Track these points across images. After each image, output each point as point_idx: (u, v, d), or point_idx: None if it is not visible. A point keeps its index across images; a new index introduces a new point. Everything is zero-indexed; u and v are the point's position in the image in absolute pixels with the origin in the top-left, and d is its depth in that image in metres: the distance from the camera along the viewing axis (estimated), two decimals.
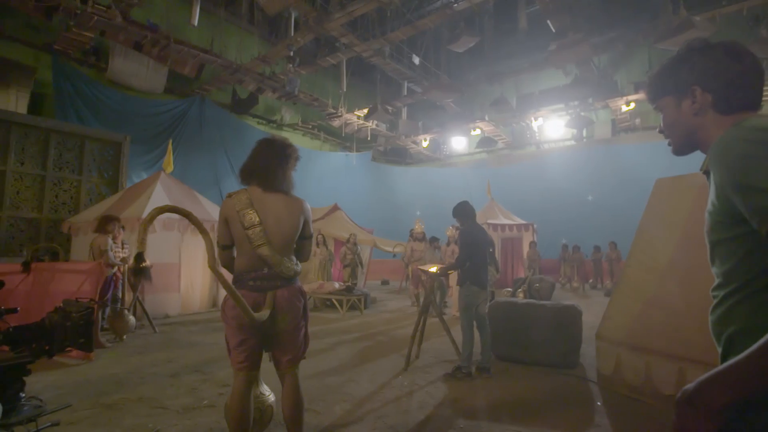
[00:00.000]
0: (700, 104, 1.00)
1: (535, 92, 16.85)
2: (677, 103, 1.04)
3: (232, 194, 2.12)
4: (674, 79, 1.04)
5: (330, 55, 13.50)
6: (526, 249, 12.84)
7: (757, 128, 0.86)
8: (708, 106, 0.99)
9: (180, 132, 12.78)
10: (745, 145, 0.84)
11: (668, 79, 1.06)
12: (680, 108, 1.03)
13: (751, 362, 0.70)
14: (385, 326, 7.04)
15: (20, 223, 8.66)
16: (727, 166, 0.85)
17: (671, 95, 1.05)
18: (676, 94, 1.04)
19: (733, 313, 0.88)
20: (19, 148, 8.70)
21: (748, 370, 0.70)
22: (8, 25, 10.11)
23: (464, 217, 4.38)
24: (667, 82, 1.06)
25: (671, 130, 1.08)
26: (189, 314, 7.65)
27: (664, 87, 1.07)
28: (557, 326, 4.42)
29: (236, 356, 2.11)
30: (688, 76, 1.01)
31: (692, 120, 1.02)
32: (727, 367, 0.73)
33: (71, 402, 3.19)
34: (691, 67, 1.01)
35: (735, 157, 0.84)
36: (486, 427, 3.02)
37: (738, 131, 0.88)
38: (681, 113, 1.04)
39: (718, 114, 0.99)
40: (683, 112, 1.03)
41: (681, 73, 1.03)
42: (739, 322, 0.86)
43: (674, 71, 1.04)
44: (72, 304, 2.48)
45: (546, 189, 16.67)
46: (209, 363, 4.55)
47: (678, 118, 1.05)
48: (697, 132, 1.02)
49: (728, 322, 0.89)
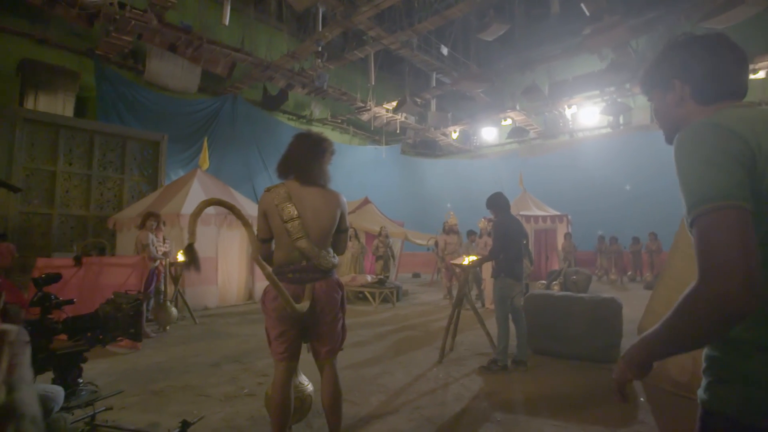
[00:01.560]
0: (680, 96, 1.05)
1: (568, 79, 16.25)
2: (663, 95, 1.10)
3: (271, 188, 2.16)
4: (659, 72, 1.10)
5: (358, 48, 13.50)
6: (560, 241, 12.52)
7: (704, 124, 0.90)
8: (688, 98, 1.04)
9: (214, 130, 13.14)
10: (686, 143, 0.90)
11: (655, 73, 1.12)
12: (665, 100, 1.09)
13: (655, 336, 0.89)
14: (418, 319, 7.05)
15: (70, 220, 9.16)
16: (675, 161, 0.91)
17: (658, 88, 1.11)
18: (661, 86, 1.10)
19: None
20: (67, 150, 9.19)
21: (653, 341, 0.90)
22: (54, 34, 10.65)
23: (498, 208, 4.31)
24: (654, 76, 1.12)
25: (660, 121, 1.14)
26: (226, 306, 7.91)
27: (652, 80, 1.13)
28: (596, 320, 4.30)
29: (277, 347, 2.17)
30: (669, 70, 1.07)
31: (675, 111, 1.07)
32: (643, 336, 0.93)
33: (122, 389, 3.36)
34: (672, 61, 1.07)
35: (678, 154, 0.90)
36: (524, 421, 2.98)
37: (690, 127, 0.92)
38: (666, 105, 1.10)
39: (697, 105, 1.04)
40: (667, 104, 1.09)
41: (664, 67, 1.09)
42: None
43: (659, 65, 1.10)
44: (122, 296, 2.61)
45: (581, 179, 16.16)
46: (248, 353, 4.70)
47: (663, 110, 1.11)
48: (680, 122, 1.06)
49: None
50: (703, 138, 0.87)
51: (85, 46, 11.08)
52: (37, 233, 8.74)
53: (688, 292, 0.82)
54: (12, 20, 10.05)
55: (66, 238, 9.00)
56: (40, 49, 10.35)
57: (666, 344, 0.88)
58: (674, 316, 0.84)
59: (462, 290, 4.63)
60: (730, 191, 0.80)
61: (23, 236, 8.48)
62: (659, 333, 0.88)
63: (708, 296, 0.78)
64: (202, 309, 7.36)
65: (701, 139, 0.88)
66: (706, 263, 0.80)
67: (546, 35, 16.34)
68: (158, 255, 5.81)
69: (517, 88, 16.52)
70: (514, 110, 16.66)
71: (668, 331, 0.86)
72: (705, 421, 0.92)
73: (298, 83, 14.09)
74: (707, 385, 0.92)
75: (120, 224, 8.12)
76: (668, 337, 0.87)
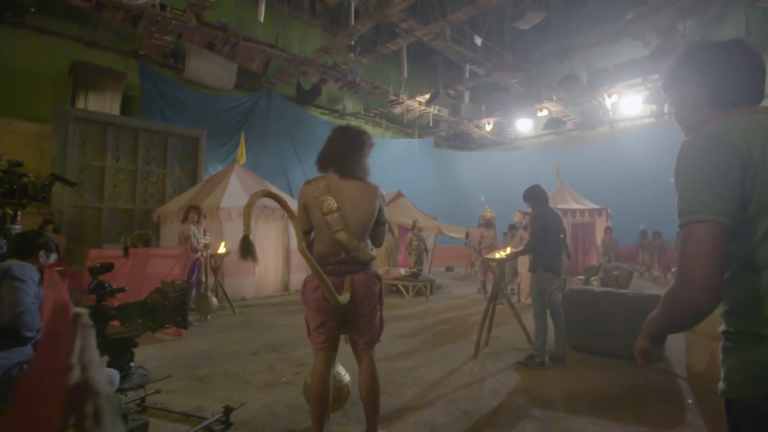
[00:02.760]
0: (695, 101, 1.10)
1: (608, 67, 15.56)
2: (682, 99, 1.14)
3: (311, 181, 2.20)
4: (678, 77, 1.15)
5: (390, 41, 13.44)
6: (599, 235, 12.10)
7: (702, 137, 0.99)
8: (703, 103, 1.09)
9: (250, 125, 13.45)
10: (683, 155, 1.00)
11: (674, 77, 1.16)
12: (682, 104, 1.14)
13: (654, 318, 1.07)
14: (452, 312, 7.01)
15: (118, 213, 9.65)
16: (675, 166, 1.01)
17: (678, 92, 1.15)
18: (680, 91, 1.14)
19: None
20: (115, 146, 9.66)
21: (653, 321, 1.07)
22: (102, 37, 11.19)
23: (535, 201, 4.21)
24: (674, 80, 1.16)
25: (678, 122, 1.18)
26: (263, 297, 8.13)
27: (673, 85, 1.17)
28: (640, 317, 4.12)
29: (316, 337, 2.21)
30: (687, 75, 1.12)
31: (692, 115, 1.12)
32: (650, 316, 1.09)
33: (169, 373, 3.53)
34: (689, 67, 1.11)
35: (677, 164, 1.00)
36: (563, 418, 2.91)
37: (690, 139, 1.01)
38: (683, 109, 1.14)
39: (711, 110, 1.08)
40: (686, 108, 1.13)
41: (682, 72, 1.13)
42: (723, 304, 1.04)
43: (678, 70, 1.14)
44: (169, 286, 2.72)
45: (621, 171, 15.49)
46: (285, 343, 4.82)
47: (681, 113, 1.16)
48: (695, 126, 1.11)
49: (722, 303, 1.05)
50: (697, 153, 0.98)
51: (129, 47, 11.59)
52: (88, 226, 9.26)
53: (668, 289, 1.00)
54: (64, 25, 10.62)
55: (114, 231, 9.49)
56: (90, 52, 10.90)
57: (660, 326, 1.06)
58: (661, 306, 1.03)
59: (498, 284, 4.56)
60: (708, 207, 0.93)
61: (76, 229, 9.00)
62: (656, 316, 1.06)
63: (677, 296, 0.97)
64: (240, 299, 7.60)
65: (695, 153, 0.98)
66: (678, 268, 0.97)
67: (585, 22, 15.72)
68: (199, 247, 6.04)
69: (553, 77, 16.00)
70: (551, 101, 16.16)
71: (660, 316, 1.05)
72: (728, 410, 1.02)
73: (331, 78, 14.20)
74: (724, 375, 1.01)
75: (163, 217, 8.48)
76: (660, 320, 1.05)
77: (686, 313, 0.96)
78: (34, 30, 10.20)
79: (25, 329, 2.15)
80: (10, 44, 9.80)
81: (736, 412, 1.00)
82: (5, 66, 9.69)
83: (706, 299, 0.91)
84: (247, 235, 1.98)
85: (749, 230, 0.95)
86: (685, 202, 0.97)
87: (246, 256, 2.01)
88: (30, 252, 2.43)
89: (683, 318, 0.98)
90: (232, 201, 7.76)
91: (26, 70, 9.97)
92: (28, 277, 2.23)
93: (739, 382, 0.98)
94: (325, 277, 1.98)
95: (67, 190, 8.56)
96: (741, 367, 0.98)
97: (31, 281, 2.23)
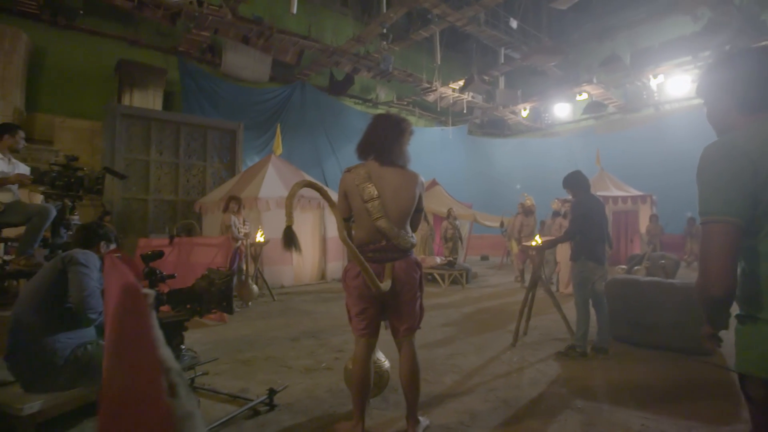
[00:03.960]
0: (726, 106, 1.16)
1: (654, 45, 14.72)
2: (713, 104, 1.20)
3: (351, 169, 2.21)
4: (711, 81, 1.21)
5: (423, 28, 13.24)
6: (643, 223, 11.60)
7: (720, 144, 1.09)
8: (732, 108, 1.15)
9: (285, 116, 13.66)
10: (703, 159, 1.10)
11: (708, 81, 1.22)
12: (715, 108, 1.20)
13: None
14: (489, 301, 6.94)
15: (162, 205, 10.09)
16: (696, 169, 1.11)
17: (710, 97, 1.21)
18: (712, 96, 1.20)
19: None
20: (158, 141, 10.06)
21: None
22: (144, 35, 11.64)
23: (576, 187, 4.07)
24: (707, 83, 1.22)
25: (711, 125, 1.23)
26: (301, 285, 8.33)
27: (706, 87, 1.22)
28: (690, 308, 3.94)
29: (357, 323, 2.24)
30: (720, 81, 1.18)
31: (722, 119, 1.18)
32: None
33: (216, 356, 3.69)
34: (722, 72, 1.18)
35: (698, 167, 1.10)
36: (608, 410, 2.84)
37: (711, 146, 1.10)
38: (714, 111, 1.20)
39: (739, 115, 1.14)
40: (717, 112, 1.19)
41: (715, 77, 1.20)
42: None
43: (712, 75, 1.21)
44: (215, 272, 2.82)
45: (668, 156, 14.68)
46: (323, 330, 4.92)
47: (712, 116, 1.21)
48: (725, 129, 1.17)
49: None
50: (713, 160, 1.08)
51: (169, 44, 11.99)
52: (135, 216, 9.73)
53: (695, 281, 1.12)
54: (110, 25, 11.11)
55: (159, 221, 9.93)
56: (133, 50, 11.36)
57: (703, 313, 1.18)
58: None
59: (537, 273, 4.47)
60: (722, 208, 1.04)
61: (125, 220, 9.49)
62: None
63: (698, 285, 1.09)
64: (279, 287, 7.81)
65: (711, 160, 1.08)
66: (699, 263, 1.10)
67: None
68: (239, 236, 6.23)
69: (594, 59, 15.33)
70: (591, 83, 15.48)
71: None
72: (741, 383, 1.13)
73: (363, 67, 14.18)
74: (736, 353, 1.12)
75: (205, 208, 8.80)
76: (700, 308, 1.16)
77: (705, 300, 1.08)
78: (83, 31, 10.72)
79: (90, 311, 2.30)
80: (63, 46, 10.35)
81: (749, 385, 1.11)
82: (59, 67, 10.26)
83: (720, 288, 1.04)
84: (289, 225, 2.02)
85: (758, 226, 1.06)
86: (703, 203, 1.09)
87: (289, 246, 2.05)
88: (92, 242, 2.59)
89: (705, 305, 1.11)
90: (270, 191, 7.94)
91: (77, 70, 10.52)
92: (92, 263, 2.38)
93: (749, 359, 1.09)
94: (366, 265, 2.00)
95: (116, 183, 9.01)
96: (749, 346, 1.10)
97: (94, 267, 2.38)
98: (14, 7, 9.59)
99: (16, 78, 9.02)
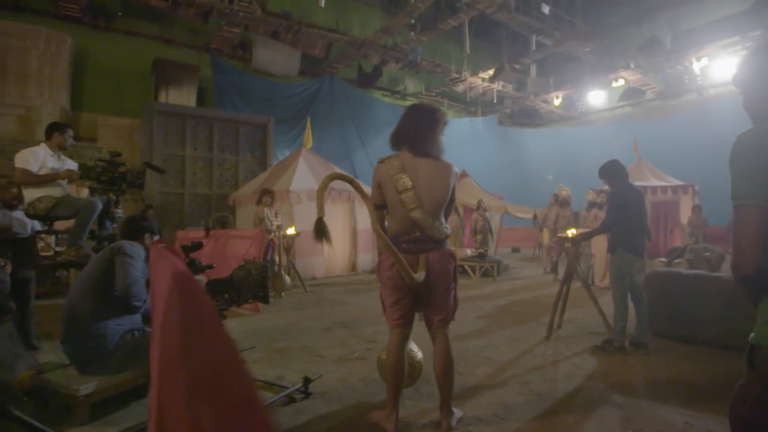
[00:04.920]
0: (762, 95, 1.17)
1: (697, 27, 13.96)
2: (751, 91, 1.21)
3: (385, 159, 2.21)
4: (747, 70, 1.22)
5: (451, 17, 13.03)
6: (684, 214, 11.09)
7: (750, 133, 1.13)
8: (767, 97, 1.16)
9: (314, 110, 13.80)
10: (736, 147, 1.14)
11: (746, 68, 1.23)
12: (752, 96, 1.21)
13: None
14: (521, 294, 6.84)
15: (197, 198, 10.42)
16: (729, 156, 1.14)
17: (748, 84, 1.22)
18: (751, 83, 1.21)
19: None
20: (193, 136, 10.37)
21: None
22: (177, 34, 12.01)
23: (614, 177, 3.93)
24: (745, 71, 1.23)
25: (747, 113, 1.24)
26: (332, 276, 8.44)
27: (745, 74, 1.23)
28: (735, 302, 3.76)
29: (391, 314, 2.26)
30: (756, 69, 1.19)
31: (759, 107, 1.19)
32: None
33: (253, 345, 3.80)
34: (758, 61, 1.19)
35: (731, 154, 1.14)
36: (648, 406, 2.75)
37: (743, 135, 1.14)
38: (752, 100, 1.21)
39: None
40: (754, 100, 1.20)
41: (752, 66, 1.21)
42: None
43: (749, 63, 1.22)
44: (251, 263, 2.90)
45: (711, 143, 13.85)
46: (355, 321, 4.98)
47: (750, 104, 1.22)
48: (761, 119, 1.18)
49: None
50: (745, 147, 1.12)
51: (201, 42, 12.31)
52: (172, 210, 10.10)
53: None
54: (146, 25, 11.52)
55: (195, 214, 10.27)
56: (168, 49, 11.73)
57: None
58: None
59: (572, 265, 4.36)
60: (751, 193, 1.10)
61: (163, 213, 9.86)
62: None
63: (732, 266, 1.14)
64: (311, 278, 7.94)
65: (742, 148, 1.13)
66: (732, 243, 1.13)
67: None
68: (272, 228, 6.37)
69: (631, 43, 14.70)
70: (628, 69, 14.87)
71: None
72: (750, 353, 1.16)
73: (391, 59, 14.12)
74: (756, 328, 1.15)
75: (238, 201, 9.02)
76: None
77: (739, 278, 1.13)
78: (121, 32, 11.15)
79: (134, 299, 2.42)
80: (103, 47, 10.81)
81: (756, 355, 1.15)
82: (99, 67, 10.72)
83: (751, 266, 1.09)
84: (321, 217, 2.04)
85: None
86: (735, 189, 1.14)
87: (320, 238, 2.08)
88: (137, 234, 2.72)
89: (739, 283, 1.15)
90: (301, 184, 8.06)
91: (116, 70, 10.96)
92: (137, 254, 2.50)
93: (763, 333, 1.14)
94: (400, 256, 2.01)
95: (155, 178, 9.36)
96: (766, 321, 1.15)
97: (139, 258, 2.49)
98: (59, 12, 10.06)
99: (62, 79, 9.49)
